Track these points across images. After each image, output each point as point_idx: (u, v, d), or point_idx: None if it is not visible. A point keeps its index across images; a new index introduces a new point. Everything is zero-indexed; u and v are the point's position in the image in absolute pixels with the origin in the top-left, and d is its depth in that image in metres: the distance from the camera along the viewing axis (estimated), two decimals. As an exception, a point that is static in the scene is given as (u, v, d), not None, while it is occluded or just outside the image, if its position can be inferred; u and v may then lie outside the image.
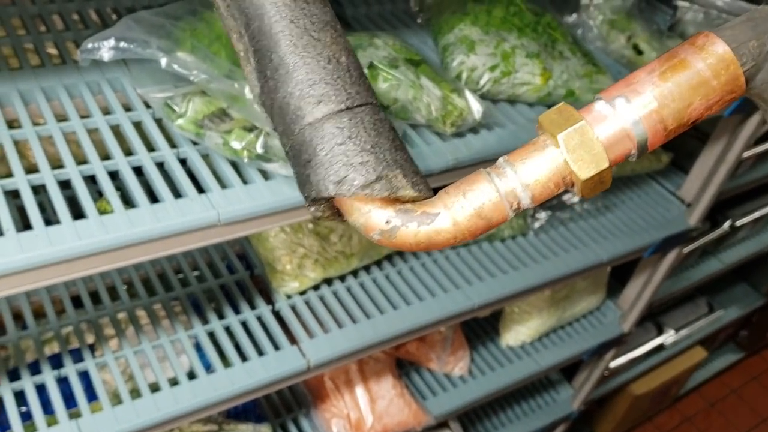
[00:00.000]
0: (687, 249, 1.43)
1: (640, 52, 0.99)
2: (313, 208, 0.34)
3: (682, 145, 1.31)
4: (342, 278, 0.99)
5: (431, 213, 0.33)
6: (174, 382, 0.81)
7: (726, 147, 1.17)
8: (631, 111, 0.32)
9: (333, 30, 0.34)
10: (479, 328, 1.35)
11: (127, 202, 0.61)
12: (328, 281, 0.98)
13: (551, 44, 0.89)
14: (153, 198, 0.63)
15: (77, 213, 0.59)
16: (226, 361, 0.85)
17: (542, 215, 1.13)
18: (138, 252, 0.59)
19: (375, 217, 0.34)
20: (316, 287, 0.96)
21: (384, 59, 0.76)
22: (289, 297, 0.94)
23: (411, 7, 0.99)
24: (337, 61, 0.33)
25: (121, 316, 0.91)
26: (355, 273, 1.01)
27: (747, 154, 1.31)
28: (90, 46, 0.61)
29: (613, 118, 0.32)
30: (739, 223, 1.58)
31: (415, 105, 0.76)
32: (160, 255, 0.59)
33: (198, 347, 0.89)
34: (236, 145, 0.61)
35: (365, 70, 0.74)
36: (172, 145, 0.68)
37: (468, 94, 0.79)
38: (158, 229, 0.58)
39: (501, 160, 0.33)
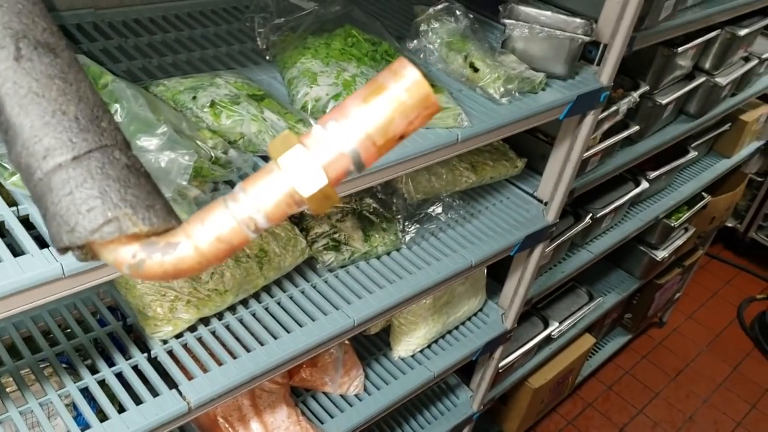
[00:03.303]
0: (554, 244, 1.54)
1: (476, 70, 1.08)
2: (73, 254, 0.36)
3: (535, 150, 1.42)
4: (220, 315, 1.00)
5: (173, 242, 0.36)
6: (46, 445, 0.79)
7: (569, 148, 1.28)
8: (342, 131, 0.37)
9: (61, 82, 0.36)
10: (372, 345, 1.39)
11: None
12: (205, 320, 0.98)
13: (389, 69, 0.95)
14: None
15: None
16: (103, 416, 0.83)
17: (412, 229, 1.18)
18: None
19: (122, 254, 0.36)
20: (192, 328, 0.96)
21: (225, 97, 0.79)
22: (165, 342, 0.94)
23: (259, 46, 1.03)
24: (62, 113, 0.35)
25: (-14, 386, 0.87)
26: (233, 308, 1.02)
27: (589, 153, 1.44)
28: None
29: (327, 139, 0.37)
30: (599, 214, 1.72)
31: (260, 138, 0.79)
32: (2, 315, 0.58)
33: (75, 407, 0.87)
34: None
35: (206, 109, 0.77)
36: (12, 203, 0.67)
37: (313, 123, 0.83)
38: (-3, 289, 0.57)
39: (237, 187, 0.37)
